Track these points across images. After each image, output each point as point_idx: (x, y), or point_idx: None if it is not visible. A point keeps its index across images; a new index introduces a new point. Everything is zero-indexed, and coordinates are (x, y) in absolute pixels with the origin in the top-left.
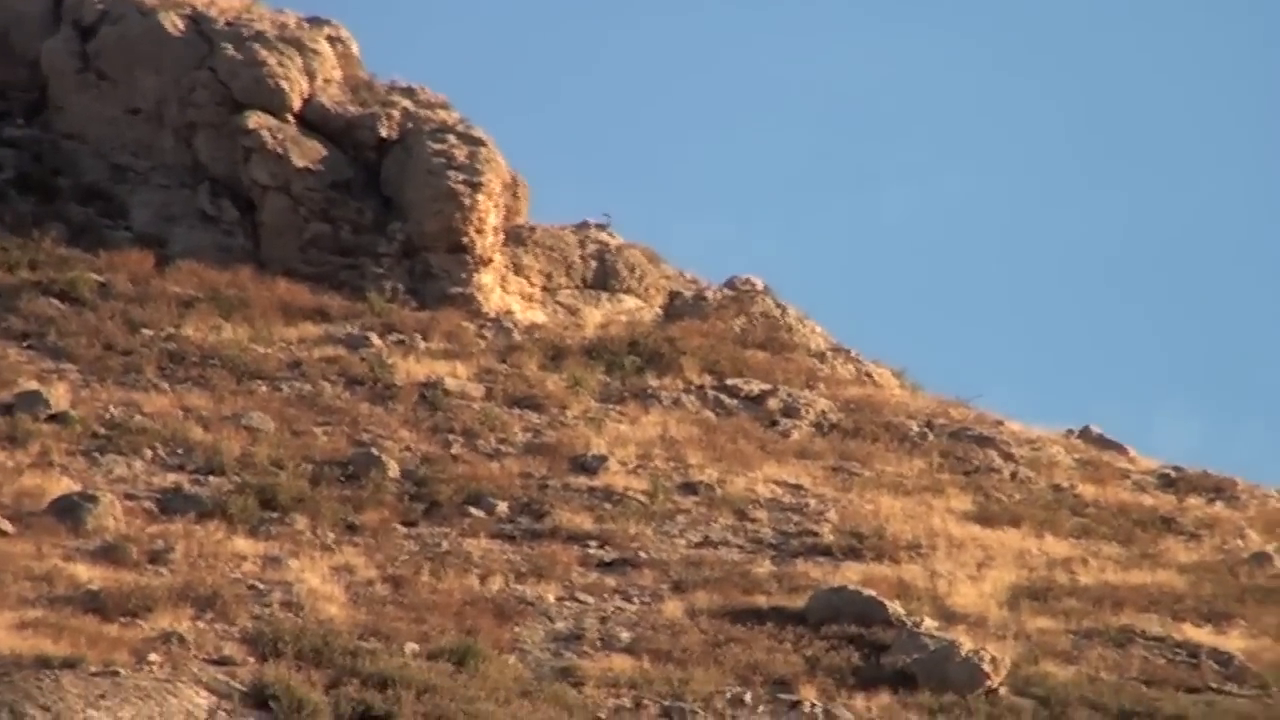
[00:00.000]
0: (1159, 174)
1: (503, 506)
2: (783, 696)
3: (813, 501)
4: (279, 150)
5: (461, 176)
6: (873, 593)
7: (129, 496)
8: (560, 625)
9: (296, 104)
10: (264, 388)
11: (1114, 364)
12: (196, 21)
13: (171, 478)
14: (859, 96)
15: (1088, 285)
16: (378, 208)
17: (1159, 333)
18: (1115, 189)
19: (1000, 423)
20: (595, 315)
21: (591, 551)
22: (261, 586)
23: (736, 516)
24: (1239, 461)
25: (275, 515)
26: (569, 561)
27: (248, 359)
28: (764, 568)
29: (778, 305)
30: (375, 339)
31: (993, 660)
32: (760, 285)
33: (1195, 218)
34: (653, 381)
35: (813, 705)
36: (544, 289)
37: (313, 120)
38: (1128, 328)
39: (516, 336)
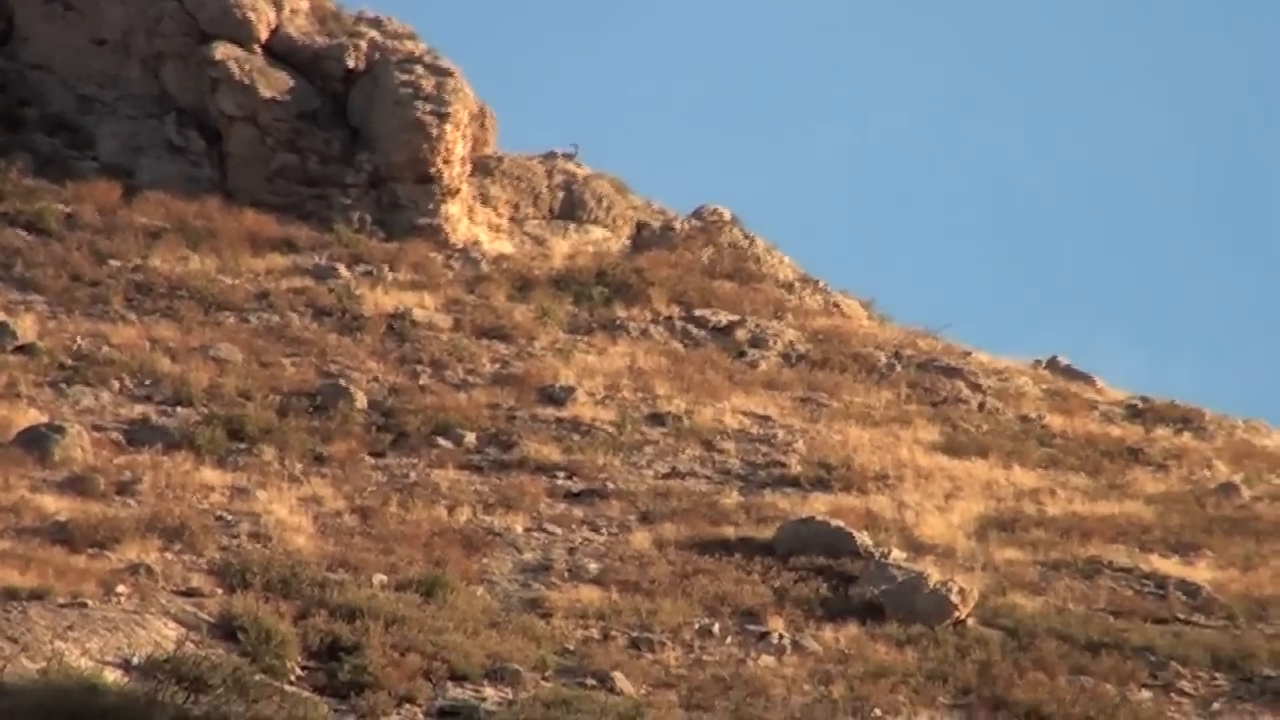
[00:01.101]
0: (1112, 105)
1: (470, 437)
2: (750, 628)
3: (780, 432)
4: (246, 81)
5: (429, 107)
6: (840, 524)
7: (96, 428)
8: (528, 556)
9: (263, 34)
10: (231, 319)
11: (1074, 296)
12: None
13: (139, 409)
14: (828, 24)
15: (1057, 216)
16: (345, 138)
17: (1109, 264)
18: (1067, 121)
19: (968, 353)
20: (563, 246)
21: (559, 482)
22: (229, 517)
23: (704, 447)
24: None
25: (243, 446)
26: (537, 492)
27: (215, 290)
28: (732, 499)
29: (745, 236)
30: (343, 270)
31: (960, 591)
32: (728, 215)
33: (1141, 149)
34: (620, 312)
35: (780, 636)
36: (511, 219)
37: (280, 51)
38: (1088, 258)
39: (484, 267)
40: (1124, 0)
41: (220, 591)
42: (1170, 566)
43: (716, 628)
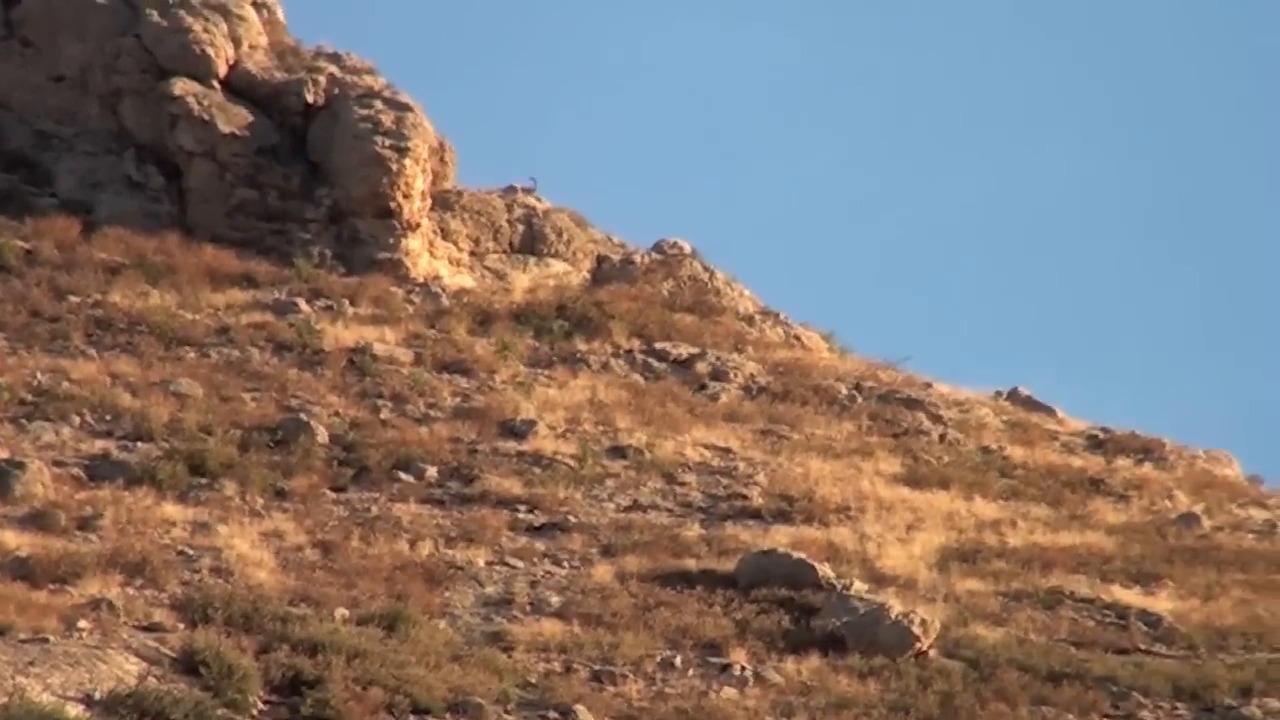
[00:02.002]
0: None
1: (432, 471)
2: (713, 660)
3: (742, 465)
4: (205, 116)
5: (388, 142)
6: (802, 555)
7: (57, 463)
8: (490, 590)
9: (222, 70)
10: (192, 354)
11: (1040, 327)
12: None
13: (100, 444)
14: (782, 66)
15: (1014, 247)
16: (304, 173)
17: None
18: (1027, 149)
19: (929, 385)
20: (523, 279)
21: (521, 516)
22: (191, 552)
23: (665, 480)
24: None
25: (204, 481)
26: (498, 526)
27: (175, 325)
28: (693, 531)
29: (705, 269)
30: (303, 305)
31: (922, 623)
32: (688, 249)
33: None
34: (581, 346)
35: (743, 668)
36: (471, 253)
37: (238, 86)
38: (1053, 290)
39: (444, 301)
40: (1058, 37)
41: (182, 626)
42: (1131, 597)
43: (678, 660)
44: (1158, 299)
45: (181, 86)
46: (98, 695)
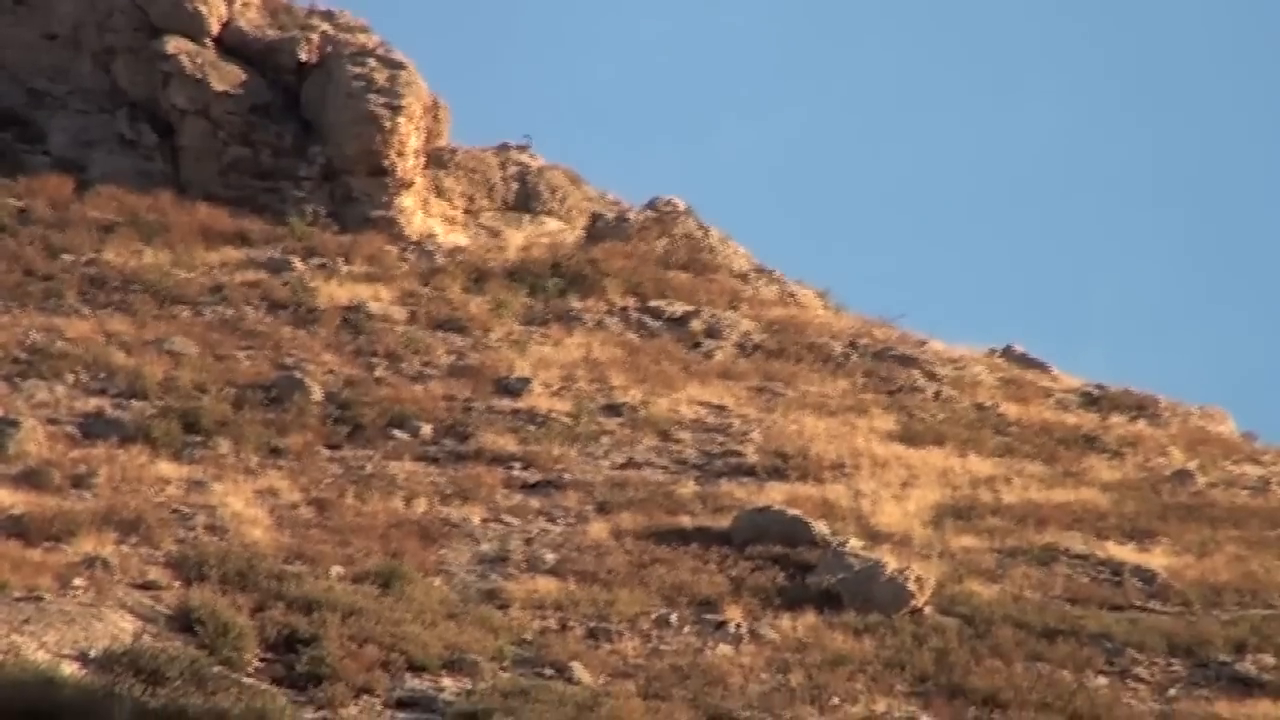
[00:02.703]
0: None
1: (427, 429)
2: (708, 617)
3: (736, 422)
4: (198, 74)
5: (382, 99)
6: (797, 513)
7: (51, 421)
8: (485, 547)
9: (215, 28)
10: (186, 312)
11: (1034, 283)
12: None
13: (94, 402)
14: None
15: (1013, 202)
16: (298, 131)
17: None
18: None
19: (924, 342)
20: (517, 237)
21: (516, 473)
22: (185, 510)
23: (660, 437)
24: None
25: (198, 439)
26: (493, 484)
27: (169, 283)
28: (688, 488)
29: (700, 226)
30: (297, 263)
31: (917, 579)
32: (682, 206)
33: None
34: (575, 303)
35: (738, 626)
36: (466, 211)
37: (231, 44)
38: (1050, 246)
39: (439, 259)
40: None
41: (177, 584)
42: (1126, 553)
43: (674, 617)
44: (1154, 256)
45: (174, 44)
46: (93, 653)
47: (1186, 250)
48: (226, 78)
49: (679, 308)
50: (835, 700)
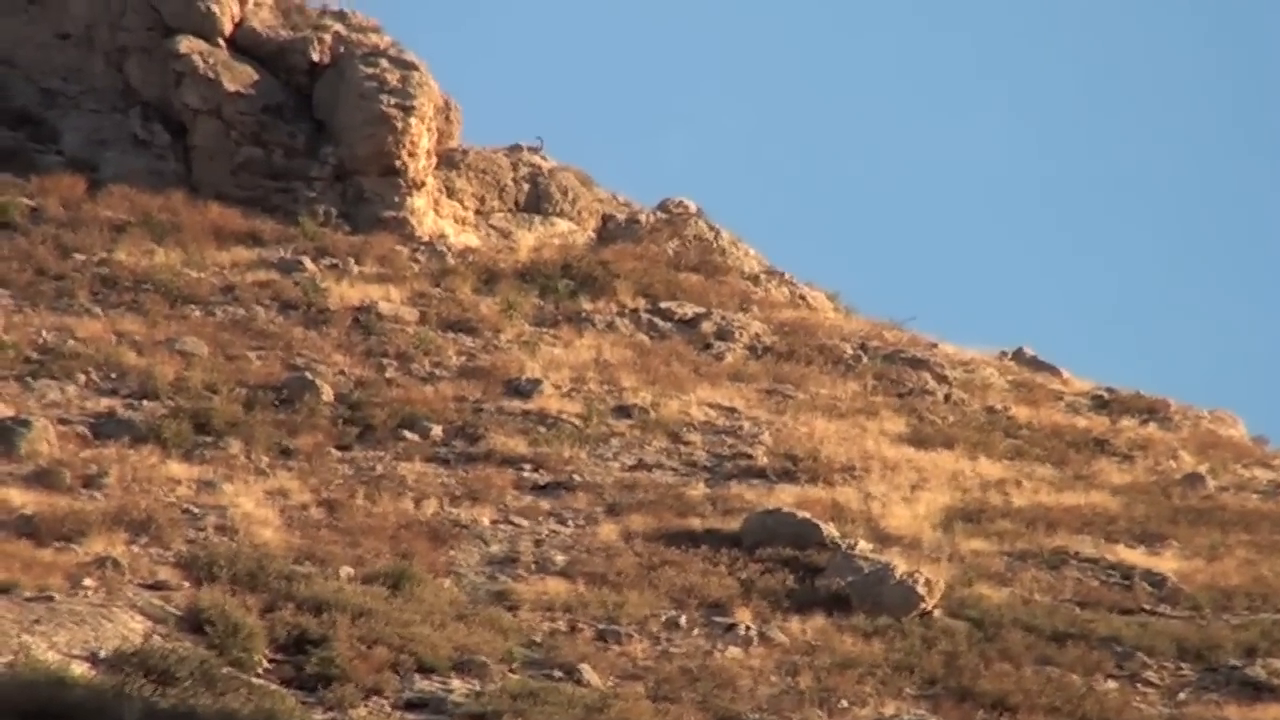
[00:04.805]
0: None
1: (437, 430)
2: (717, 619)
3: (747, 424)
4: (210, 74)
5: (393, 100)
6: (807, 515)
7: (62, 421)
8: (495, 548)
9: (228, 28)
10: (197, 312)
11: (1046, 286)
12: None
13: (105, 402)
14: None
15: (1026, 205)
16: (310, 132)
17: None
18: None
19: (934, 345)
20: (528, 238)
21: (526, 475)
22: (196, 510)
23: (670, 439)
24: None
25: (209, 439)
26: (503, 485)
27: (180, 283)
28: (698, 490)
29: (710, 228)
30: (308, 263)
31: (927, 582)
32: (693, 208)
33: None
34: (586, 305)
35: (748, 628)
36: (477, 212)
37: (244, 44)
38: (1059, 251)
39: (450, 260)
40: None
41: (187, 585)
42: (1136, 557)
43: (683, 619)
44: (1166, 259)
45: (187, 44)
46: (103, 653)
47: (1198, 252)
48: (239, 78)
49: (690, 310)
50: (844, 703)
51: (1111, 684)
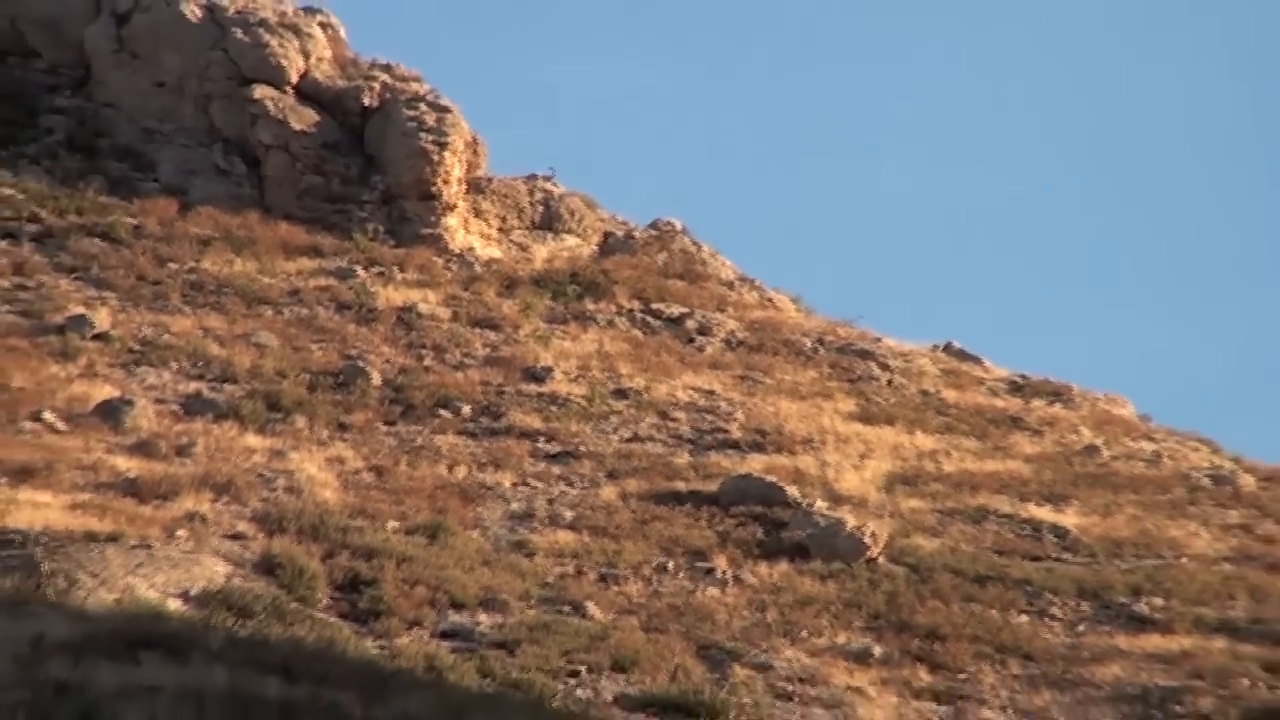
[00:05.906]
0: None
1: (467, 409)
2: (699, 565)
3: (723, 404)
4: (280, 116)
5: (431, 137)
6: (773, 479)
7: (159, 401)
8: (515, 506)
9: (294, 78)
10: (269, 311)
11: (972, 290)
12: (212, 10)
13: (194, 386)
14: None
15: (952, 221)
16: (361, 164)
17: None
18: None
19: (879, 339)
20: (542, 251)
21: (540, 446)
22: (268, 475)
23: (660, 417)
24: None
25: (279, 416)
26: (522, 454)
27: (255, 288)
28: (683, 459)
29: (694, 243)
30: (360, 271)
31: (873, 534)
32: (679, 226)
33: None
34: (590, 306)
35: (724, 572)
36: (499, 230)
37: (308, 91)
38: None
39: (477, 269)
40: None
41: (261, 536)
42: (1044, 514)
43: (671, 565)
44: (1076, 269)
45: (261, 91)
46: (192, 592)
47: (1097, 262)
48: (303, 119)
49: (676, 310)
50: (804, 634)
51: (1023, 618)
